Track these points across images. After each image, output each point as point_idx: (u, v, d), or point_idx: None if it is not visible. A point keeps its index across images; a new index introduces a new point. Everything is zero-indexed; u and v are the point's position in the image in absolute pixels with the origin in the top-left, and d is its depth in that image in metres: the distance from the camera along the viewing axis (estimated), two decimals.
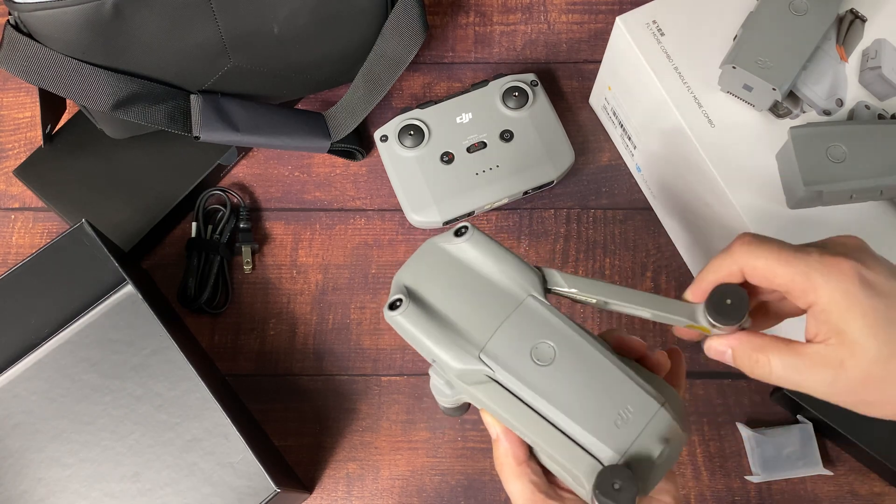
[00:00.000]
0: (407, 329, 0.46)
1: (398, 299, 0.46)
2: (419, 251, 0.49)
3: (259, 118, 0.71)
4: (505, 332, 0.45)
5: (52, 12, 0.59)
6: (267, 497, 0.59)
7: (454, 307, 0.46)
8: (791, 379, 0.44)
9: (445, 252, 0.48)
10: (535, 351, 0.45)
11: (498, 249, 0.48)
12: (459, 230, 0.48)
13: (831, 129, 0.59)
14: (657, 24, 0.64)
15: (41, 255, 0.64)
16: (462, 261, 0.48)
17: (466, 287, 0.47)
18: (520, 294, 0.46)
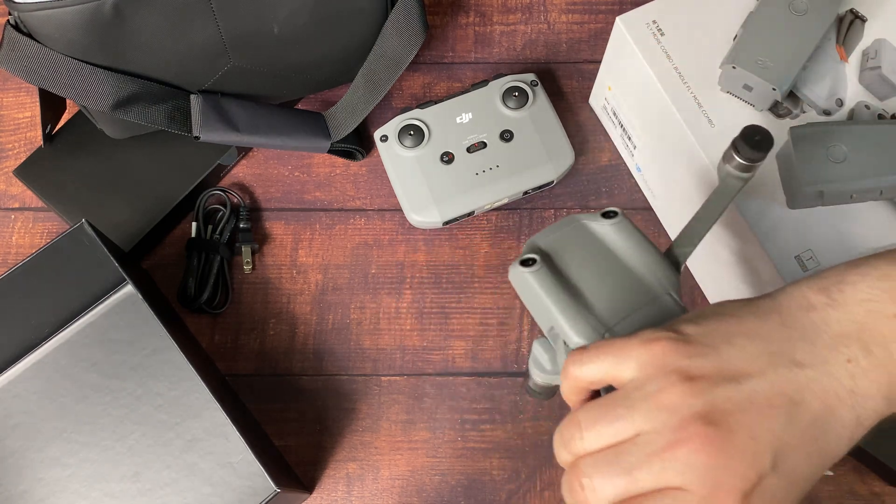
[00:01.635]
0: (534, 289, 0.45)
1: (531, 258, 0.45)
2: (560, 222, 0.47)
3: (259, 118, 0.71)
4: (635, 319, 0.45)
5: (52, 12, 0.59)
6: (267, 497, 0.59)
7: (588, 282, 0.45)
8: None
9: (587, 229, 0.47)
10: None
11: (644, 241, 0.47)
12: (608, 213, 0.47)
13: (831, 129, 0.59)
14: (657, 24, 0.64)
15: (41, 255, 0.64)
16: (603, 242, 0.47)
17: (604, 267, 0.46)
18: (658, 290, 0.46)
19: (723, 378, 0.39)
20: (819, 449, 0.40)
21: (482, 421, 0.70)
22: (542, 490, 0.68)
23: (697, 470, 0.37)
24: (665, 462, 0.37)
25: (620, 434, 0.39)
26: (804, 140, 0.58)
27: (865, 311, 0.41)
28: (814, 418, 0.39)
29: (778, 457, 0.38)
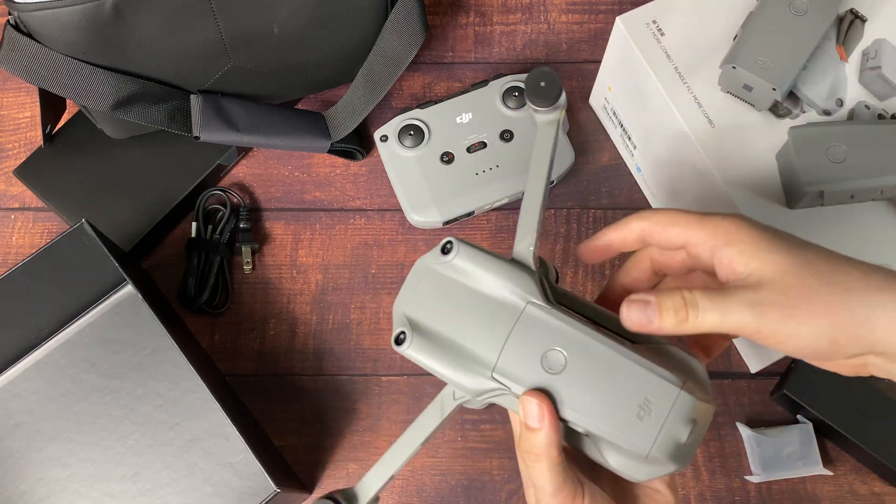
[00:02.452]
0: (417, 360, 0.46)
1: (401, 332, 0.46)
2: (411, 275, 0.48)
3: (259, 118, 0.71)
4: (512, 346, 0.44)
5: (52, 12, 0.59)
6: (267, 497, 0.59)
7: (458, 329, 0.46)
8: (719, 319, 0.41)
9: (436, 273, 0.47)
10: (545, 360, 0.44)
11: (487, 260, 0.46)
12: (445, 247, 0.47)
13: (831, 129, 0.59)
14: (657, 24, 0.64)
15: (41, 255, 0.64)
16: (454, 279, 0.46)
17: (465, 306, 0.46)
18: (518, 303, 0.45)
19: None
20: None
21: (482, 421, 0.70)
22: None
23: None
24: None
25: None
26: (804, 140, 0.58)
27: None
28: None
29: None
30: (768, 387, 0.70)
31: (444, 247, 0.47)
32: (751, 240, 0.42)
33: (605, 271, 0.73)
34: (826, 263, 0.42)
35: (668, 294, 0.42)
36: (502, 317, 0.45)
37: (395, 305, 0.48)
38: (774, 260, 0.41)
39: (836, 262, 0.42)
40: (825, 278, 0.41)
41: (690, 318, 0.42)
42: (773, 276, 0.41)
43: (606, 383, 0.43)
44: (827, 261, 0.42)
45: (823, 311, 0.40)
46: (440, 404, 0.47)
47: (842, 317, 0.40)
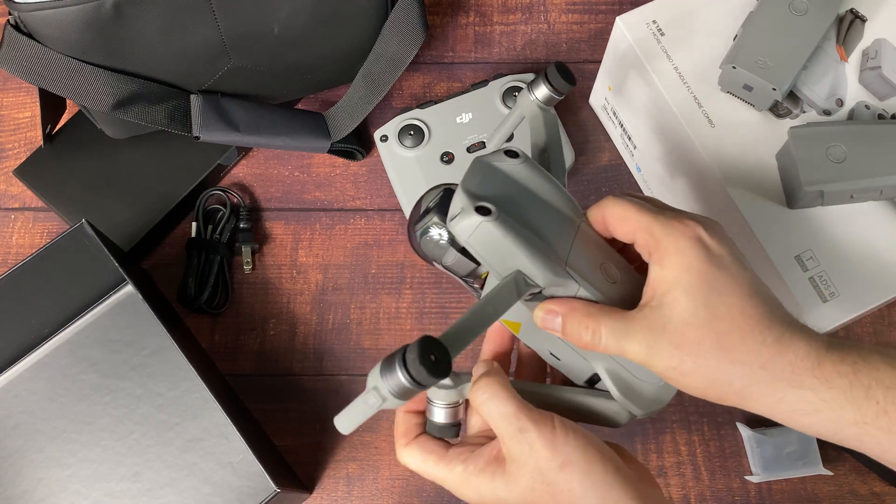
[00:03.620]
0: (497, 238, 0.42)
1: (485, 206, 0.42)
2: (472, 168, 0.46)
3: (259, 118, 0.71)
4: (577, 248, 0.45)
5: (52, 12, 0.59)
6: (267, 497, 0.59)
7: (533, 217, 0.44)
8: (617, 345, 0.44)
9: (500, 170, 0.46)
10: (603, 269, 0.46)
11: (549, 176, 0.47)
12: (510, 152, 0.47)
13: (831, 129, 0.59)
14: (657, 24, 0.64)
15: (41, 255, 0.64)
16: (519, 180, 0.46)
17: (534, 203, 0.45)
18: (574, 219, 0.47)
19: None
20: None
21: None
22: None
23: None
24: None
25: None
26: (804, 140, 0.58)
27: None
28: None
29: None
30: None
31: (509, 152, 0.47)
32: (680, 269, 0.43)
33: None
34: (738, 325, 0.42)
35: (576, 317, 0.44)
36: (565, 222, 0.46)
37: (460, 186, 0.44)
38: (684, 305, 0.42)
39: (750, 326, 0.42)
40: (722, 342, 0.42)
41: (591, 345, 0.44)
42: (677, 322, 0.42)
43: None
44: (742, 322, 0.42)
45: (704, 373, 0.42)
46: (515, 285, 0.43)
47: (718, 382, 0.43)
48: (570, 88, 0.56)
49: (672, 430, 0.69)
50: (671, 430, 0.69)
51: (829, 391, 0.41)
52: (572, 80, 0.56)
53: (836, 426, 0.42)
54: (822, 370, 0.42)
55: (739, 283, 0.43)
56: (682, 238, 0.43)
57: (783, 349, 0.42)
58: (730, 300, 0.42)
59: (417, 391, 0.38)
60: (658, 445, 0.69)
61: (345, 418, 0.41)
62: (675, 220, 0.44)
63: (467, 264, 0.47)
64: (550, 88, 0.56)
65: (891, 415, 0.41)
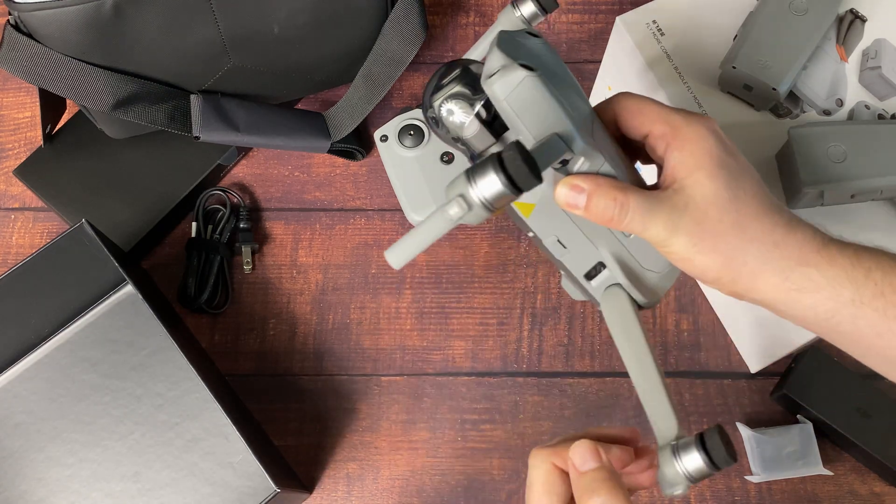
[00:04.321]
0: (538, 96, 0.41)
1: (525, 64, 0.41)
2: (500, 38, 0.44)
3: (259, 118, 0.71)
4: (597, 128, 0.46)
5: (52, 12, 0.59)
6: (267, 497, 0.59)
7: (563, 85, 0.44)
8: (641, 222, 0.44)
9: (526, 44, 0.46)
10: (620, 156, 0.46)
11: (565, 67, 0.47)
12: (532, 32, 0.47)
13: (831, 129, 0.59)
14: (657, 24, 0.64)
15: (41, 255, 0.64)
16: (543, 55, 0.46)
17: (558, 77, 0.45)
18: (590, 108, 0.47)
19: None
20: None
21: (482, 421, 0.70)
22: None
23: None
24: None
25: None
26: (804, 140, 0.58)
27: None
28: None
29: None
30: (768, 387, 0.70)
31: (530, 32, 0.47)
32: (702, 154, 0.45)
33: None
34: (753, 207, 0.45)
35: (604, 191, 0.44)
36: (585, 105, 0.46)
37: (495, 45, 0.43)
38: (707, 184, 0.44)
39: (764, 208, 0.45)
40: (741, 222, 0.44)
41: (615, 221, 0.45)
42: (699, 198, 0.44)
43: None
44: (757, 205, 0.45)
45: (722, 249, 0.44)
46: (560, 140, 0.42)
47: (734, 261, 0.44)
48: (556, 7, 0.54)
49: None
50: None
51: (831, 268, 0.44)
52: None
53: (834, 305, 0.44)
54: (827, 251, 0.44)
55: (751, 172, 0.46)
56: (701, 127, 0.45)
57: (793, 230, 0.45)
58: (746, 185, 0.45)
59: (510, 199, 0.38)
60: None
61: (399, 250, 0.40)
62: (692, 114, 0.46)
63: (486, 138, 0.46)
64: (537, 5, 0.54)
65: (887, 297, 0.43)
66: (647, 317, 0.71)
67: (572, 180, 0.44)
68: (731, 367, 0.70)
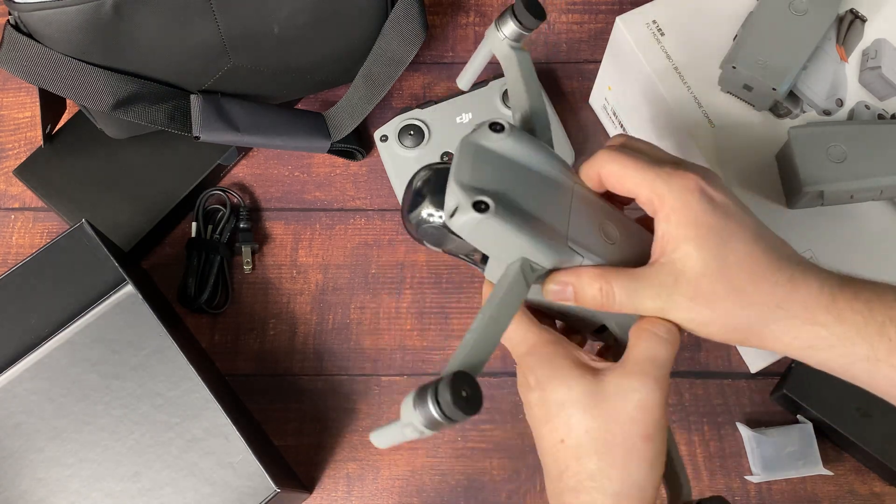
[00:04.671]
0: (497, 232, 0.42)
1: (481, 201, 0.42)
2: (459, 153, 0.45)
3: (259, 118, 0.71)
4: (575, 219, 0.45)
5: (52, 12, 0.59)
6: (267, 497, 0.59)
7: (528, 200, 0.44)
8: (630, 303, 0.44)
9: (489, 149, 0.45)
10: (603, 232, 0.46)
11: (535, 142, 0.47)
12: (494, 126, 0.46)
13: (831, 129, 0.59)
14: (657, 24, 0.64)
15: (41, 255, 0.64)
16: (507, 156, 0.46)
17: (525, 179, 0.45)
18: (569, 183, 0.46)
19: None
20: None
21: (482, 421, 0.70)
22: (541, 490, 0.68)
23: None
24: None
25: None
26: (804, 140, 0.58)
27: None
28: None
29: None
30: (768, 387, 0.70)
31: (493, 125, 0.46)
32: (687, 223, 0.43)
33: None
34: (748, 271, 0.43)
35: (587, 283, 0.44)
36: (560, 193, 0.46)
37: (452, 179, 0.43)
38: (696, 258, 0.43)
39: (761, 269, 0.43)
40: (737, 287, 0.43)
41: (606, 307, 0.45)
42: (689, 275, 0.43)
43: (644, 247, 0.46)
44: (751, 266, 0.43)
45: (721, 318, 0.43)
46: (522, 275, 0.43)
47: (737, 326, 0.43)
48: (539, 24, 0.52)
49: (672, 429, 0.69)
50: (671, 429, 0.69)
51: (841, 326, 0.42)
52: (541, 13, 0.53)
53: (848, 361, 0.43)
54: (835, 306, 0.42)
55: (745, 228, 0.44)
56: (685, 192, 0.43)
57: (796, 287, 0.43)
58: (738, 247, 0.43)
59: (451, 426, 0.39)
60: None
61: (382, 437, 0.42)
62: (676, 174, 0.44)
63: (468, 246, 0.47)
64: (518, 25, 0.53)
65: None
66: None
67: (557, 277, 0.45)
68: (731, 367, 0.70)
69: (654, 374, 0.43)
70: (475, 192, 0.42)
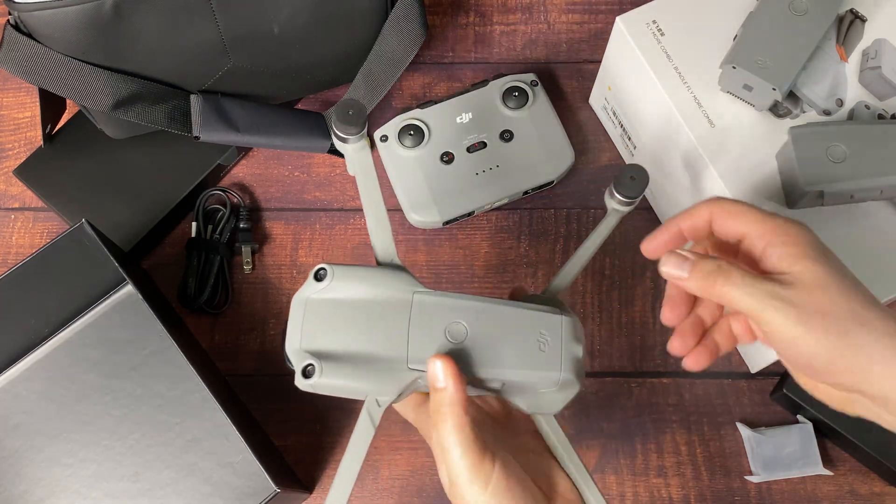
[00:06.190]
0: (333, 387, 0.46)
1: (308, 365, 0.46)
2: (292, 315, 0.48)
3: (259, 118, 0.71)
4: (416, 335, 0.47)
5: (52, 12, 0.59)
6: (267, 497, 0.59)
7: (361, 342, 0.47)
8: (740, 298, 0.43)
9: (317, 301, 0.48)
10: (449, 334, 0.47)
11: (363, 270, 0.48)
12: (318, 274, 0.48)
13: (831, 129, 0.59)
14: (657, 24, 0.64)
15: (41, 255, 0.64)
16: (337, 299, 0.48)
17: (358, 319, 0.47)
18: (405, 297, 0.48)
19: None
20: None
21: None
22: None
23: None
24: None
25: None
26: (804, 140, 0.58)
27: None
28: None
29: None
30: (768, 387, 0.70)
31: (317, 274, 0.48)
32: (806, 245, 0.44)
33: (605, 271, 0.73)
34: (861, 296, 0.43)
35: (708, 258, 0.45)
36: (396, 314, 0.47)
37: (287, 347, 0.47)
38: (817, 270, 0.43)
39: (867, 299, 0.43)
40: (850, 305, 0.42)
41: (717, 286, 0.44)
42: (808, 282, 0.43)
43: (505, 332, 0.48)
44: (865, 293, 0.43)
45: (834, 331, 0.42)
46: (368, 417, 0.47)
47: (848, 343, 0.42)
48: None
49: (672, 430, 0.69)
50: (671, 430, 0.69)
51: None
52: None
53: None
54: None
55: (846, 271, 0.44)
56: (799, 226, 0.45)
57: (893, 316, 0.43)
58: (850, 275, 0.44)
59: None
60: (658, 445, 0.69)
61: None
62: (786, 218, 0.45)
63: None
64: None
65: None
66: (647, 317, 0.71)
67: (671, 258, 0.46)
68: (731, 367, 0.70)
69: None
70: (304, 357, 0.46)
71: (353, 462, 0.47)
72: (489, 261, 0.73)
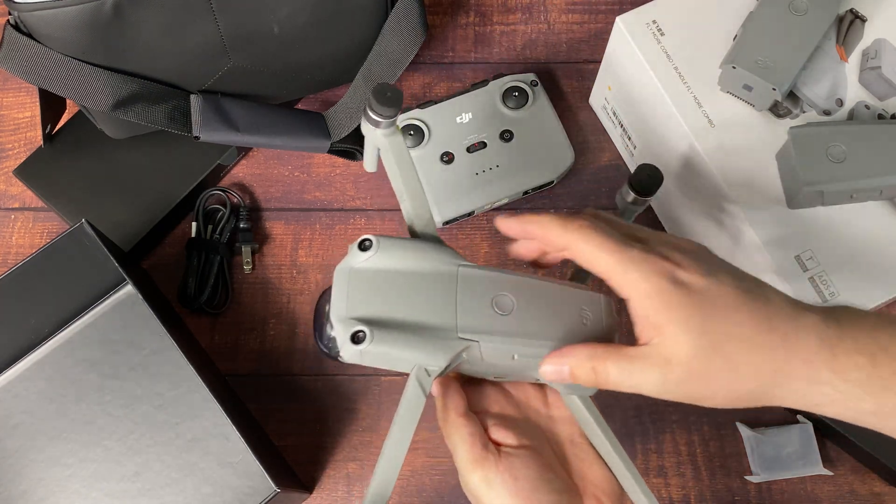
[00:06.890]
0: (383, 355, 0.46)
1: (359, 331, 0.45)
2: (336, 284, 0.48)
3: (259, 118, 0.71)
4: (464, 305, 0.47)
5: (52, 12, 0.59)
6: (267, 497, 0.59)
7: (411, 310, 0.47)
8: (627, 383, 0.44)
9: (362, 271, 0.48)
10: (496, 306, 0.48)
11: (406, 242, 0.49)
12: (363, 244, 0.48)
13: (831, 129, 0.59)
14: (657, 24, 0.64)
15: (41, 255, 0.64)
16: (382, 269, 0.48)
17: (405, 289, 0.47)
18: (450, 269, 0.48)
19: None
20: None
21: None
22: None
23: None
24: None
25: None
26: (804, 140, 0.58)
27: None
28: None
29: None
30: None
31: (362, 244, 0.48)
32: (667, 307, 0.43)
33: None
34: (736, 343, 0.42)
35: (581, 362, 0.46)
36: (443, 284, 0.48)
37: (332, 316, 0.47)
38: (685, 340, 0.42)
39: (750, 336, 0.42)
40: (731, 363, 0.42)
41: (600, 384, 0.45)
42: (681, 357, 0.42)
43: (551, 306, 0.49)
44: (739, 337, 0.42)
45: (722, 394, 0.44)
46: (419, 386, 0.46)
47: (739, 396, 0.44)
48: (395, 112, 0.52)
49: (672, 430, 0.69)
50: (671, 430, 0.69)
51: (845, 384, 0.42)
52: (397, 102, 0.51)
53: (855, 414, 0.43)
54: (836, 363, 0.42)
55: (725, 299, 0.43)
56: (656, 276, 0.43)
57: (793, 348, 0.42)
58: (722, 320, 0.42)
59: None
60: (658, 445, 0.69)
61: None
62: (647, 260, 0.43)
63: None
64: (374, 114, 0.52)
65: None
66: None
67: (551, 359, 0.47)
68: None
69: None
70: (352, 324, 0.46)
71: (403, 436, 0.45)
72: (489, 261, 0.73)
